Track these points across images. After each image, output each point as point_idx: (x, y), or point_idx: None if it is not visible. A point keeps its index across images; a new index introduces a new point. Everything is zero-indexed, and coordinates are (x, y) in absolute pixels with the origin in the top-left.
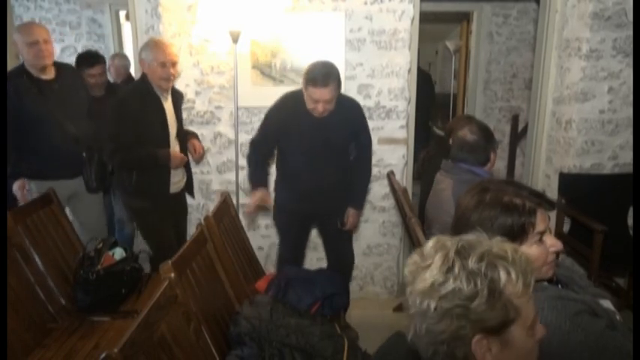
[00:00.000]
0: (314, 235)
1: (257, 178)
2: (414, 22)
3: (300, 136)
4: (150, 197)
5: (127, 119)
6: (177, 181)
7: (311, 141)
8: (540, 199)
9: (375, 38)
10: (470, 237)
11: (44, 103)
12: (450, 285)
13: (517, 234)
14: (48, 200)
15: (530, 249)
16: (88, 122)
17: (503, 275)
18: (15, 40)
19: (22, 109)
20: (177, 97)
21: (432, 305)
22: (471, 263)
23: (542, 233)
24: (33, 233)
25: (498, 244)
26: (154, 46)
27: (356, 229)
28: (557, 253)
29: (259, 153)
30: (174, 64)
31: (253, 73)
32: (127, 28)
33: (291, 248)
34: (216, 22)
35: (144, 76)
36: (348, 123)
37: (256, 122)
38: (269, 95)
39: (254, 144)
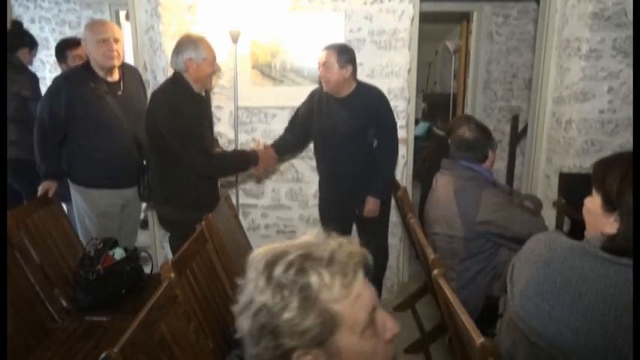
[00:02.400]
0: None
1: (274, 143)
2: (414, 22)
3: (321, 118)
4: (205, 208)
5: (189, 121)
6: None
7: (331, 123)
8: None
9: (374, 38)
10: (298, 240)
11: (110, 107)
12: (257, 302)
13: None
14: (48, 200)
15: None
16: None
17: (314, 281)
18: (84, 36)
19: (86, 113)
20: (209, 96)
21: (246, 327)
22: (277, 274)
23: None
24: (33, 233)
25: (324, 244)
26: (202, 45)
27: (376, 218)
28: None
29: (287, 127)
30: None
31: (253, 73)
32: (126, 28)
33: None
34: (216, 22)
35: (180, 76)
36: (366, 107)
37: (256, 122)
38: (269, 95)
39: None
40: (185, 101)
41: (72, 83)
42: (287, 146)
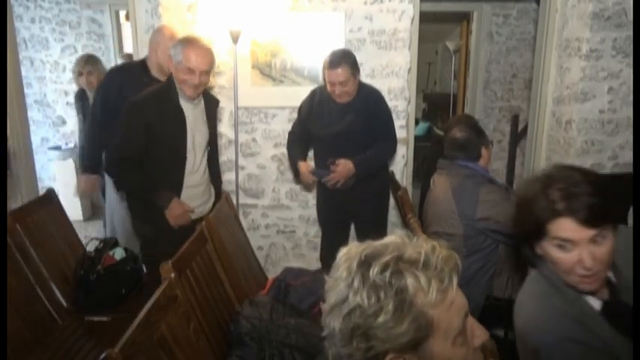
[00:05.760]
0: (313, 234)
1: (294, 155)
2: (414, 22)
3: (322, 119)
4: (155, 225)
5: (138, 127)
6: (198, 204)
7: (332, 125)
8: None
9: (374, 38)
10: (387, 240)
11: None
12: (352, 302)
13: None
14: (48, 200)
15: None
16: None
17: (411, 284)
18: (169, 45)
19: None
20: (211, 104)
21: (337, 326)
22: (373, 274)
23: (566, 241)
24: (33, 233)
25: (415, 246)
26: (187, 47)
27: (375, 220)
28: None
29: (294, 137)
30: (206, 72)
31: (253, 73)
32: (126, 28)
33: (330, 244)
34: (216, 22)
35: (170, 77)
36: (366, 109)
37: (256, 122)
38: (269, 95)
39: (291, 132)
40: (147, 104)
41: (125, 74)
42: (306, 154)
